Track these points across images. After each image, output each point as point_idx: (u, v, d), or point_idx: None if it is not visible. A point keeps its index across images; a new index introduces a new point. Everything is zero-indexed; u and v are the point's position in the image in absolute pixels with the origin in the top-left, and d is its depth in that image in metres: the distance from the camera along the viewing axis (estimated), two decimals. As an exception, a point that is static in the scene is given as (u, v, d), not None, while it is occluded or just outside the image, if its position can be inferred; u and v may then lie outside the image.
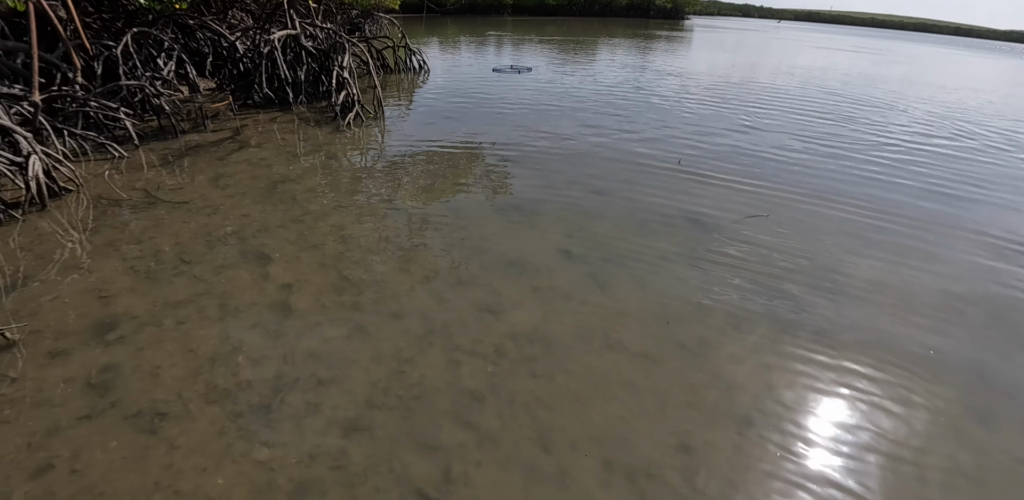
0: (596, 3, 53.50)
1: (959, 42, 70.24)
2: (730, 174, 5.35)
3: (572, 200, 4.49)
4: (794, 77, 13.31)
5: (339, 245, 3.65)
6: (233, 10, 13.79)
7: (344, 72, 7.14)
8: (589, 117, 7.56)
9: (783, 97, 10.02)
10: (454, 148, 6.02)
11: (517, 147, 6.03)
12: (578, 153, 5.85)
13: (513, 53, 17.21)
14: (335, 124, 6.83)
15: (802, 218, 4.38)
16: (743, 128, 7.29)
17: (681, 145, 6.31)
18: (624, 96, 9.38)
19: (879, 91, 11.89)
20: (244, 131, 6.64)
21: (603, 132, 6.78)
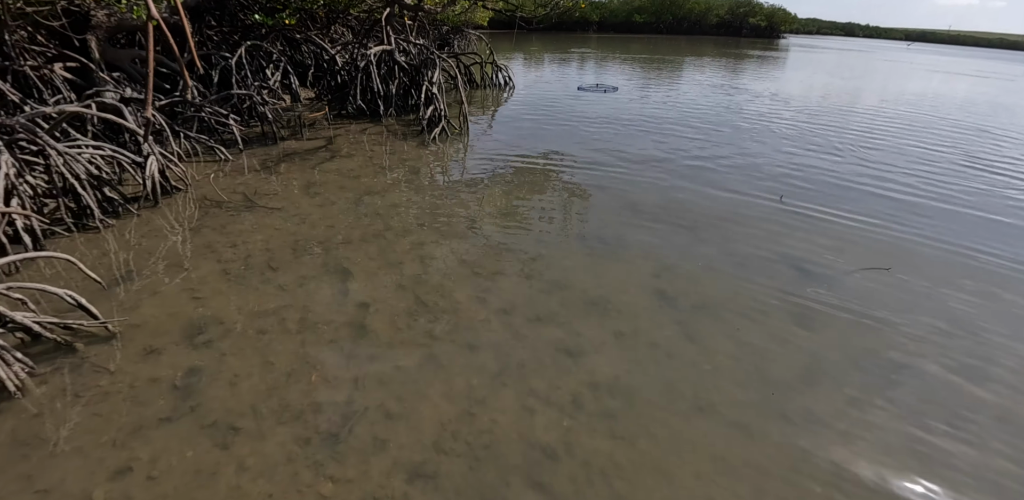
0: (685, 21, 52.41)
1: None
2: (840, 213, 4.88)
3: (660, 235, 4.24)
4: (906, 104, 12.19)
5: (417, 265, 3.63)
6: (336, 25, 14.67)
7: (433, 87, 7.30)
8: (677, 141, 7.25)
9: (894, 125, 9.17)
10: (536, 168, 5.93)
11: (601, 170, 5.85)
12: (666, 180, 5.58)
13: (597, 71, 17.08)
14: (421, 138, 6.97)
15: (932, 275, 3.86)
16: (850, 160, 6.70)
17: (780, 177, 5.87)
18: (714, 120, 8.96)
19: (1013, 123, 10.60)
20: (336, 140, 6.91)
21: (693, 158, 6.45)
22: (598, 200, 4.93)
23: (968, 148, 7.91)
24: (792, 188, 5.51)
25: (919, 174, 6.32)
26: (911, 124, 9.70)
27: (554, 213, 4.57)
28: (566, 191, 5.19)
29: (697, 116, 9.29)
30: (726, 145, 7.21)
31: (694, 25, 53.86)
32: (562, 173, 5.82)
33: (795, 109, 10.73)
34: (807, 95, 13.19)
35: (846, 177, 6.01)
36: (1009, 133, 9.47)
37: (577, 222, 4.41)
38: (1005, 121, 10.85)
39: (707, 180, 5.68)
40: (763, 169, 6.13)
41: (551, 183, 5.44)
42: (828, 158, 6.79)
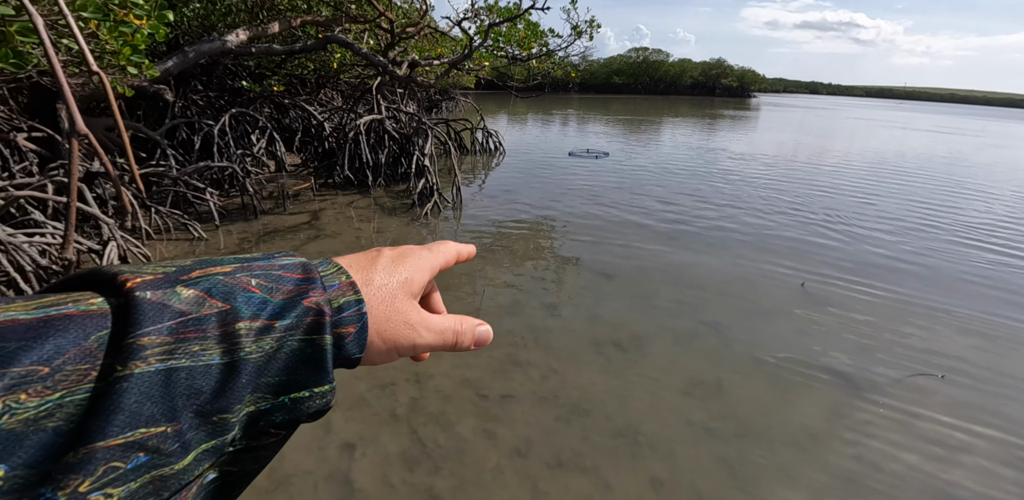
0: (661, 82, 55.27)
1: None
2: (874, 302, 4.55)
3: (680, 335, 3.83)
4: (896, 165, 12.43)
5: (412, 387, 3.13)
6: (325, 89, 14.81)
7: (424, 159, 7.07)
8: (685, 215, 7.02)
9: (896, 189, 9.18)
10: (534, 248, 5.58)
11: (607, 251, 5.52)
12: (676, 262, 5.25)
13: (582, 132, 17.39)
14: (412, 212, 6.64)
15: (996, 382, 3.48)
16: (864, 232, 6.51)
17: (799, 257, 5.59)
18: (716, 188, 8.86)
19: (1010, 185, 10.75)
20: (322, 215, 6.54)
21: (704, 236, 6.18)
22: (607, 292, 4.54)
23: (982, 214, 7.85)
24: (814, 271, 5.22)
25: (948, 249, 6.12)
26: (906, 192, 9.74)
27: (561, 310, 4.15)
28: (571, 281, 4.80)
29: (698, 185, 9.21)
30: (739, 221, 7.00)
31: (670, 86, 56.81)
32: (561, 254, 5.47)
33: (793, 176, 10.79)
34: (794, 157, 13.44)
35: (870, 254, 5.76)
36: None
37: (586, 320, 3.99)
38: (1003, 183, 11.01)
39: (720, 261, 5.37)
40: (781, 250, 5.85)
41: (551, 267, 5.06)
42: (843, 230, 6.59)
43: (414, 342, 0.36)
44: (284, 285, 0.30)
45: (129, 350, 0.23)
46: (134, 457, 0.22)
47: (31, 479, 0.20)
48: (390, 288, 0.35)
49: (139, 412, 0.22)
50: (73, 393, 0.21)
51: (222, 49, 6.84)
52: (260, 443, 0.28)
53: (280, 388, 0.28)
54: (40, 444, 0.20)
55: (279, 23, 7.54)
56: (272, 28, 7.38)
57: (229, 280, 0.28)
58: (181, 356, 0.24)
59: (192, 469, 0.24)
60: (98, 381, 0.22)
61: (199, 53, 6.66)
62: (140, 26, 3.54)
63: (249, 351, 0.26)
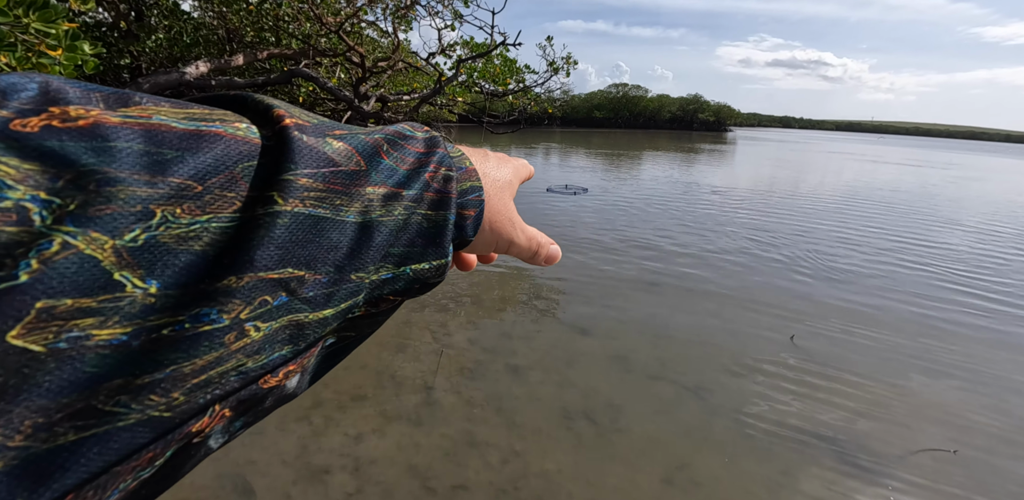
0: (640, 116, 56.62)
1: (1020, 150, 69.74)
2: (869, 359, 4.22)
3: (660, 403, 3.42)
4: (874, 199, 12.44)
5: (349, 477, 2.64)
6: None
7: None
8: (664, 259, 6.72)
9: (878, 226, 9.05)
10: (506, 301, 5.19)
11: (582, 301, 5.15)
12: (659, 315, 4.89)
13: (563, 165, 17.33)
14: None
15: (1002, 451, 3.12)
16: (851, 276, 6.26)
17: (786, 305, 5.28)
18: (697, 227, 8.63)
19: (995, 219, 10.74)
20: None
21: (686, 283, 5.86)
22: (580, 347, 4.14)
23: (978, 257, 7.70)
24: (804, 325, 4.90)
25: (942, 297, 5.87)
26: (889, 230, 9.65)
27: (527, 372, 3.72)
28: (540, 333, 4.40)
29: (672, 224, 9.00)
30: (713, 261, 6.73)
31: (649, 120, 58.23)
32: (533, 304, 5.08)
33: (768, 214, 10.68)
34: (771, 191, 13.43)
35: (849, 305, 5.48)
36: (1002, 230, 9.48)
37: (556, 386, 3.56)
38: (991, 218, 11.02)
39: (702, 311, 5.02)
40: (761, 296, 5.56)
41: (521, 321, 4.66)
42: (830, 276, 6.34)
43: (512, 239, 0.38)
44: (409, 157, 0.29)
45: (289, 186, 0.22)
46: (279, 295, 0.22)
47: (184, 299, 0.19)
48: (501, 184, 0.37)
49: (291, 250, 0.22)
50: (219, 219, 0.20)
51: (179, 81, 6.50)
52: (378, 309, 0.29)
53: (404, 258, 0.28)
54: (191, 264, 0.19)
55: (244, 55, 7.28)
56: (236, 60, 7.11)
57: (370, 140, 0.27)
58: (327, 206, 0.24)
59: (324, 324, 0.24)
60: (244, 211, 0.21)
61: (154, 85, 6.32)
62: (57, 59, 3.18)
63: (380, 215, 0.26)
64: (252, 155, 0.22)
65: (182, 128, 0.20)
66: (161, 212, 0.18)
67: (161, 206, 0.18)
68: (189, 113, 0.21)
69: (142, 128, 0.19)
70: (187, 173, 0.19)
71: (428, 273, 0.30)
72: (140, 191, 0.18)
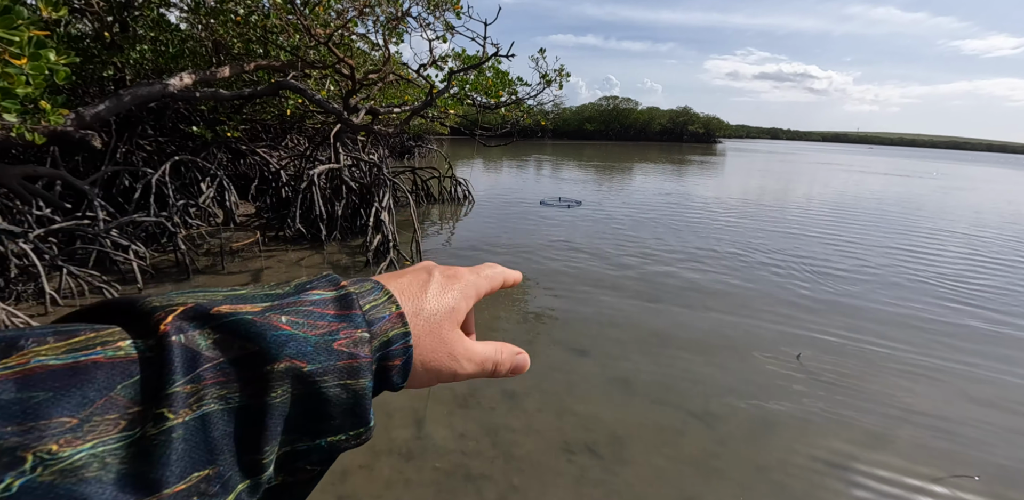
0: (631, 128, 57.10)
1: (1001, 159, 71.09)
2: (884, 378, 4.05)
3: (666, 432, 3.22)
4: (867, 209, 12.41)
5: (330, 522, 2.41)
6: (291, 135, 14.38)
7: (383, 212, 6.52)
8: (663, 273, 6.56)
9: (873, 236, 8.96)
10: (502, 320, 4.98)
11: (580, 319, 4.96)
12: (659, 333, 4.70)
13: (555, 177, 17.25)
14: (366, 274, 6.00)
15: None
16: (852, 288, 6.12)
17: (790, 322, 5.12)
18: (692, 240, 8.50)
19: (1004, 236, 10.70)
20: (264, 276, 5.86)
21: (684, 298, 5.70)
22: (579, 369, 3.94)
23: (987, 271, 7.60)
24: (809, 339, 4.73)
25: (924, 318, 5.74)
26: (884, 240, 9.58)
27: (523, 399, 3.51)
28: (537, 354, 4.19)
29: (668, 237, 8.87)
30: (711, 276, 6.58)
31: (640, 132, 58.73)
32: (529, 323, 4.88)
33: (762, 226, 10.59)
34: (762, 202, 13.38)
35: (851, 321, 5.33)
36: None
37: (555, 415, 3.35)
38: (999, 236, 10.98)
39: (703, 328, 4.85)
40: (763, 312, 5.40)
41: (517, 341, 4.45)
42: (822, 295, 6.20)
43: (455, 372, 0.37)
44: (317, 322, 0.29)
45: (174, 398, 0.23)
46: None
47: None
48: (437, 319, 0.35)
49: (190, 458, 0.23)
50: (106, 443, 0.21)
51: (162, 93, 6.31)
52: (296, 479, 0.29)
53: (319, 432, 0.28)
54: (93, 493, 0.20)
55: (230, 67, 7.12)
56: (222, 72, 6.94)
57: (258, 319, 0.27)
58: (211, 401, 0.24)
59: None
60: (131, 428, 0.22)
61: (135, 97, 6.12)
62: (23, 68, 2.99)
63: (276, 395, 0.26)
64: (132, 373, 0.23)
65: (59, 364, 0.21)
66: (32, 455, 0.19)
67: (32, 449, 0.19)
68: (72, 344, 0.22)
69: (16, 376, 0.20)
70: (61, 410, 0.20)
71: (345, 443, 0.29)
72: (7, 442, 0.19)
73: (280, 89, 6.41)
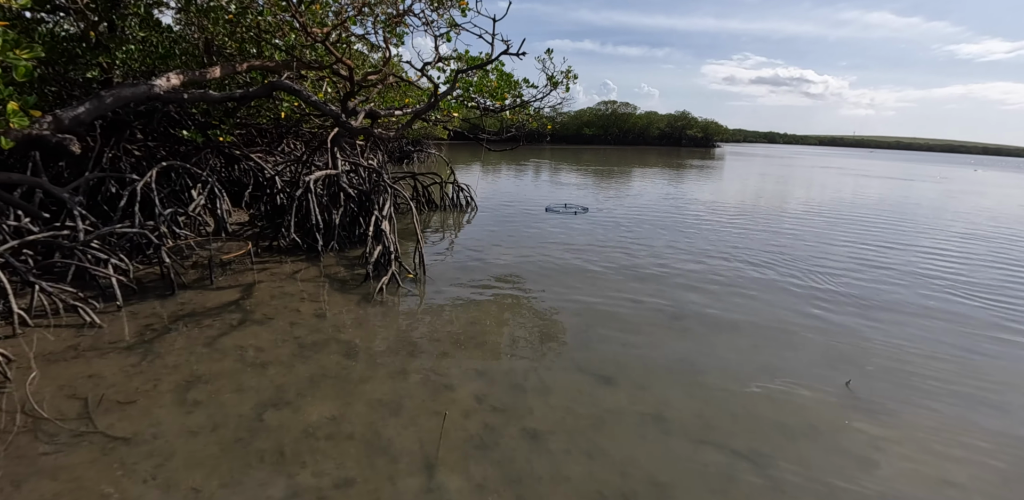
0: (630, 133, 56.91)
1: (1001, 162, 71.19)
2: (935, 407, 3.65)
3: (713, 478, 2.80)
4: (887, 219, 12.05)
5: None
6: (287, 139, 13.96)
7: (383, 221, 6.10)
8: (685, 286, 6.16)
9: (901, 251, 8.59)
10: (516, 342, 4.57)
11: (601, 339, 4.56)
12: (689, 357, 4.30)
13: (557, 183, 16.87)
14: (365, 288, 5.56)
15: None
16: (894, 306, 5.74)
17: (830, 344, 4.73)
18: (712, 250, 8.11)
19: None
20: (256, 291, 5.43)
21: (711, 315, 5.30)
22: (606, 401, 3.54)
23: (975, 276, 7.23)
24: (847, 362, 4.33)
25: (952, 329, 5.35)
26: (917, 258, 9.20)
27: (547, 438, 3.09)
28: (557, 383, 3.78)
29: (684, 245, 8.48)
30: (737, 289, 6.19)
31: (638, 136, 58.51)
32: (546, 345, 4.47)
33: (781, 234, 10.21)
34: (778, 209, 13.02)
35: (896, 344, 4.94)
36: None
37: (585, 458, 2.93)
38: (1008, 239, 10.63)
39: (737, 350, 4.45)
40: (798, 331, 5.00)
41: (535, 367, 4.04)
42: (863, 313, 5.81)
43: None
44: None
45: None
46: None
47: None
48: None
49: None
50: None
51: (148, 94, 5.90)
52: None
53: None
54: None
55: (221, 67, 6.71)
56: (212, 73, 6.53)
57: None
58: None
59: None
60: None
61: (118, 98, 5.71)
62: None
63: None
64: None
65: None
66: None
67: None
68: None
69: None
70: None
71: None
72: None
73: (274, 90, 6.02)
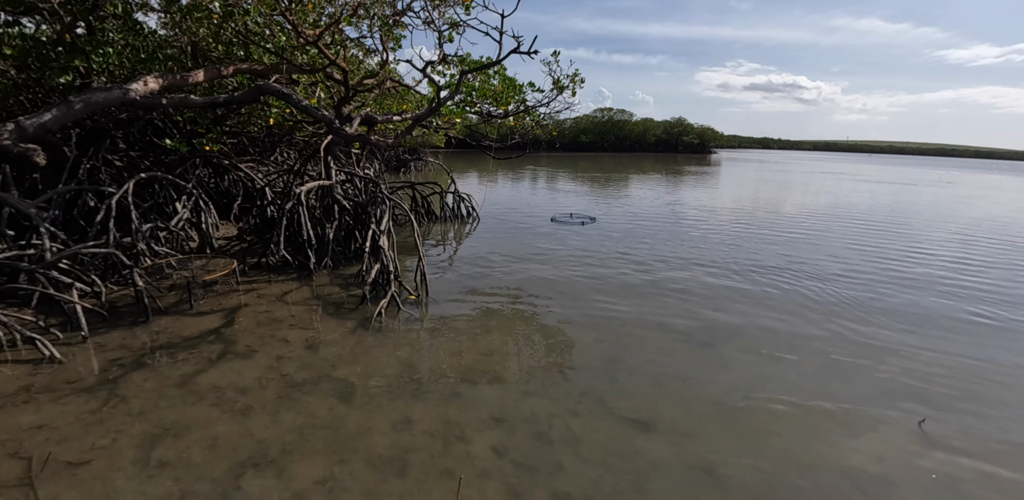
0: (626, 140, 56.69)
1: (996, 165, 71.59)
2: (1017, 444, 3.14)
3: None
4: (920, 231, 11.61)
5: None
6: (280, 148, 13.43)
7: (382, 237, 5.58)
8: (715, 309, 5.64)
9: (949, 268, 8.12)
10: (534, 377, 4.04)
11: (629, 372, 4.04)
12: (732, 392, 3.78)
13: (558, 191, 16.38)
14: (362, 312, 5.02)
15: None
16: (945, 323, 5.24)
17: (889, 380, 4.21)
18: (737, 268, 7.60)
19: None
20: (240, 316, 4.88)
21: (749, 341, 4.79)
22: (647, 453, 3.01)
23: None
24: (913, 397, 3.82)
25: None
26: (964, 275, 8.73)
27: (563, 489, 2.56)
28: (585, 431, 3.26)
29: (709, 259, 7.98)
30: (771, 311, 5.69)
31: (635, 143, 58.28)
32: (569, 381, 3.94)
33: (803, 244, 9.72)
34: (796, 216, 12.56)
35: (965, 373, 4.44)
36: None
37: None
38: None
39: (783, 381, 3.93)
40: (844, 358, 4.50)
41: (557, 410, 3.51)
42: (897, 332, 5.32)
43: None
44: None
45: None
46: None
47: None
48: None
49: None
50: None
51: (122, 99, 5.38)
52: None
53: None
54: None
55: (205, 71, 6.21)
56: (195, 76, 6.03)
57: None
58: None
59: None
60: None
61: (89, 104, 5.19)
62: None
63: None
64: None
65: None
66: None
67: None
68: None
69: None
70: None
71: None
72: None
73: (261, 94, 5.51)
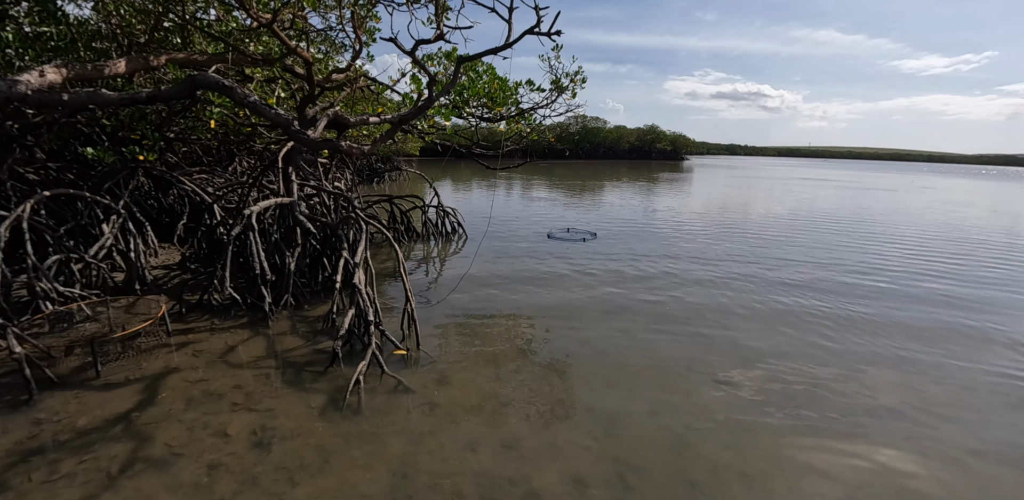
0: (601, 147, 56.30)
1: (949, 169, 74.29)
2: None
3: None
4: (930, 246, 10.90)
5: None
6: (240, 157, 11.93)
7: (357, 270, 4.31)
8: (757, 357, 4.60)
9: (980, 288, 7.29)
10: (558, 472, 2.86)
11: (684, 487, 2.90)
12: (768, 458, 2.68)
13: (544, 201, 15.26)
14: (333, 379, 3.71)
15: None
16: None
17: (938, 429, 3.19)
18: (757, 298, 6.62)
19: None
20: (163, 391, 3.53)
21: (793, 397, 3.74)
22: None
23: None
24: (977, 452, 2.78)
25: None
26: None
27: None
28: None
29: (731, 286, 6.97)
30: (798, 347, 4.67)
31: (609, 150, 57.97)
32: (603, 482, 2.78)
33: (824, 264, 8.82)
34: (805, 228, 11.74)
35: None
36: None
37: None
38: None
39: (840, 438, 2.86)
40: (886, 421, 3.48)
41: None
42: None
43: None
44: None
45: None
46: None
47: None
48: None
49: None
50: None
51: (7, 94, 3.99)
52: None
53: None
54: None
55: (127, 61, 4.88)
56: (114, 67, 4.68)
57: None
58: None
59: None
60: None
61: (-49, 102, 3.80)
62: None
63: None
64: None
65: None
66: None
67: None
68: None
69: None
70: None
71: None
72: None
73: (197, 89, 4.21)
